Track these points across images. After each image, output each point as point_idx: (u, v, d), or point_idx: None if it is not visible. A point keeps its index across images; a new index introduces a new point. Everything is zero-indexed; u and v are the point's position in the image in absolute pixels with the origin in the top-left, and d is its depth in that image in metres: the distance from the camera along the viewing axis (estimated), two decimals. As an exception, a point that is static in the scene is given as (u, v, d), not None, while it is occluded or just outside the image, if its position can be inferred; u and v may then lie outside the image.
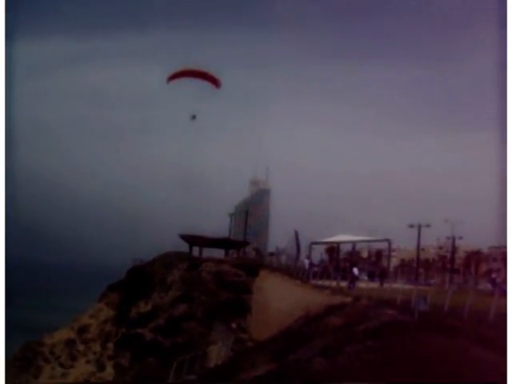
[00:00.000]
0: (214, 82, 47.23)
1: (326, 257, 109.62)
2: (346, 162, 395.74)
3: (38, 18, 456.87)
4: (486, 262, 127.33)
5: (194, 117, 44.37)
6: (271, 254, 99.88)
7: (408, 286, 46.12)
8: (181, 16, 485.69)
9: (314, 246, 75.23)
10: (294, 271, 60.30)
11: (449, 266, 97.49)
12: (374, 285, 49.51)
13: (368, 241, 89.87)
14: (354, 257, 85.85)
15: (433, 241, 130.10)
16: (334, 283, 49.69)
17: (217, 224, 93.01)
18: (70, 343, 61.04)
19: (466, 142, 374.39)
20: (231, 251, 79.22)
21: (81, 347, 60.85)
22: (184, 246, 73.65)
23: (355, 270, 54.10)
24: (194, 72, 46.37)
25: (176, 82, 47.92)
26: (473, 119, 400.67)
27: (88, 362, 59.23)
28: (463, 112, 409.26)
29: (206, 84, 48.26)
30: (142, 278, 65.25)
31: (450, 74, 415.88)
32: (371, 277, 59.58)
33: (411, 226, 76.54)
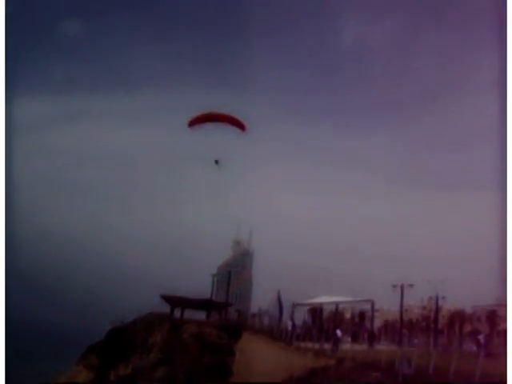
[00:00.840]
0: (240, 125, 43.97)
1: (308, 318, 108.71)
2: (329, 223, 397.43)
3: (24, 78, 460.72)
4: (470, 322, 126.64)
5: (216, 162, 42.18)
6: (254, 316, 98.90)
7: (392, 347, 45.77)
8: (168, 78, 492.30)
9: (296, 307, 74.65)
10: (276, 333, 59.72)
11: (433, 326, 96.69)
12: (358, 347, 48.99)
13: (351, 302, 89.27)
14: (337, 318, 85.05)
15: (416, 301, 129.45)
16: (317, 345, 49.18)
17: (199, 285, 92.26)
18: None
19: (447, 202, 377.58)
20: (213, 313, 78.29)
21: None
22: (165, 307, 72.82)
23: (338, 332, 53.62)
24: (218, 116, 43.26)
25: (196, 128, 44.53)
26: (463, 179, 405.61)
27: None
28: (453, 172, 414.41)
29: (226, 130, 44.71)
30: (123, 339, 64.14)
31: (437, 134, 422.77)
32: (355, 338, 59.07)
33: (394, 286, 76.27)
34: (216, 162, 41.51)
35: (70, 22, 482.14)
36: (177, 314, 71.94)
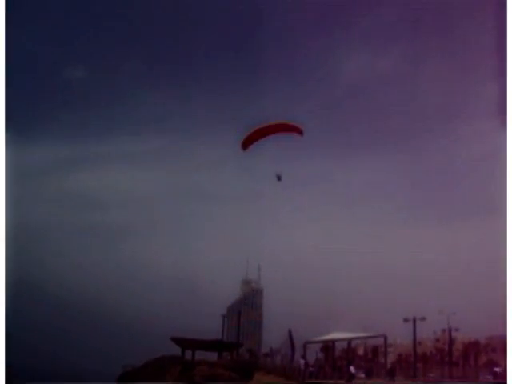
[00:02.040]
0: (296, 129, 37.62)
1: (321, 355, 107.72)
2: (338, 258, 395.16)
3: (32, 124, 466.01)
4: (485, 353, 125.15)
5: (279, 178, 37.34)
6: (266, 355, 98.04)
7: (407, 382, 45.16)
8: (171, 119, 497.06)
9: (308, 345, 74.03)
10: (289, 372, 59.11)
11: (447, 358, 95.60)
12: (371, 382, 48.40)
13: (363, 337, 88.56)
14: (349, 354, 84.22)
15: (429, 334, 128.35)
16: (331, 382, 48.60)
17: (209, 326, 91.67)
18: None
19: (459, 232, 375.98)
20: (225, 353, 77.65)
21: None
22: (176, 349, 72.29)
23: (352, 369, 53.01)
24: (271, 127, 37.64)
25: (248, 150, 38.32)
26: (467, 208, 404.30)
27: None
28: (457, 202, 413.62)
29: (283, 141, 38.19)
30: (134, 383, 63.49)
31: (442, 162, 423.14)
32: (369, 374, 58.44)
33: (406, 320, 75.70)
34: (279, 178, 37.35)
35: (75, 66, 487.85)
36: (188, 355, 71.35)
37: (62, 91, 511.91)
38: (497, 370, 58.04)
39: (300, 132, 36.99)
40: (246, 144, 38.19)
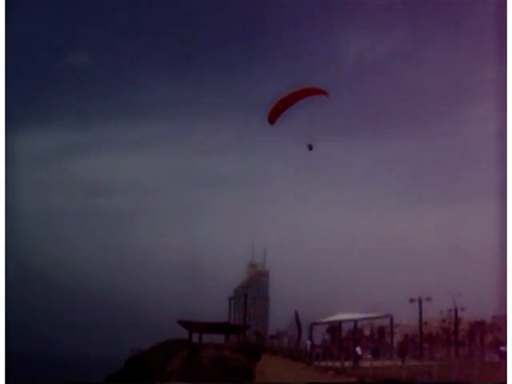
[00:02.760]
0: (322, 92, 33.94)
1: (327, 337, 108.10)
2: (344, 240, 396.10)
3: (34, 109, 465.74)
4: (491, 332, 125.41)
5: (311, 147, 32.76)
6: (272, 337, 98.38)
7: (413, 362, 45.26)
8: (176, 105, 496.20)
9: (315, 327, 74.15)
10: (296, 353, 59.23)
11: (453, 338, 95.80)
12: (379, 363, 48.44)
13: (370, 318, 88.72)
14: (356, 335, 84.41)
15: (435, 314, 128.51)
16: (337, 364, 48.70)
17: (216, 309, 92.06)
18: None
19: (463, 213, 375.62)
20: (231, 336, 77.88)
21: None
22: (183, 333, 72.52)
23: (358, 350, 53.03)
24: (295, 95, 34.35)
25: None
26: (470, 190, 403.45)
27: None
28: (461, 184, 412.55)
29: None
30: (141, 367, 63.70)
31: (444, 146, 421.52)
32: (375, 355, 58.50)
33: (412, 301, 75.79)
34: (310, 147, 32.93)
35: (77, 53, 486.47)
36: (195, 338, 71.55)
37: (63, 78, 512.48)
38: (503, 349, 57.95)
39: (326, 94, 33.90)
40: (273, 116, 35.28)
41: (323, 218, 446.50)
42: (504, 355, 50.22)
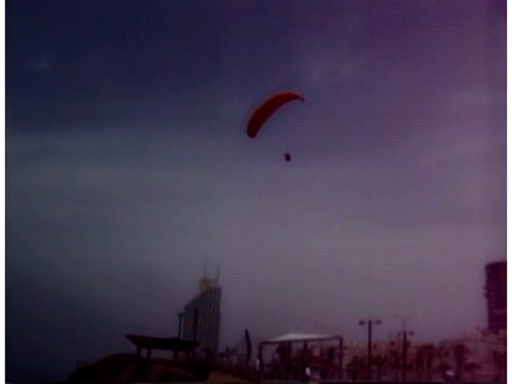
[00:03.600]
0: (297, 97, 31.86)
1: (277, 356, 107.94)
2: (296, 260, 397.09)
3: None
4: (439, 357, 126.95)
5: (288, 157, 32.44)
6: (222, 355, 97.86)
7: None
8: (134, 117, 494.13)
9: (265, 346, 74.02)
10: (245, 372, 59.00)
11: (401, 361, 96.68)
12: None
13: (319, 339, 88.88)
14: (305, 356, 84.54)
15: (385, 337, 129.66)
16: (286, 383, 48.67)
17: (166, 324, 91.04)
18: None
19: (414, 237, 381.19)
20: (181, 352, 77.19)
21: None
22: (133, 348, 71.58)
23: (308, 370, 53.12)
24: (272, 101, 32.03)
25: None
26: (427, 214, 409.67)
27: None
28: (413, 208, 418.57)
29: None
30: (87, 381, 62.61)
31: (408, 168, 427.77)
32: (324, 376, 58.68)
33: (362, 323, 76.30)
34: (287, 157, 29.17)
35: (39, 58, 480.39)
36: (144, 353, 70.70)
37: (24, 83, 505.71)
38: (449, 373, 58.91)
39: (302, 98, 31.69)
40: (252, 129, 32.88)
41: (275, 237, 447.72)
42: (450, 379, 51.08)
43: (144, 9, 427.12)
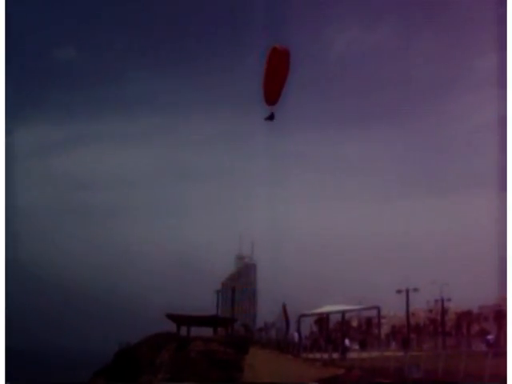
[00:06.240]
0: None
1: (315, 329, 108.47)
2: (330, 232, 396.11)
3: (24, 106, 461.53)
4: (478, 322, 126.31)
5: (272, 116, 25.74)
6: (260, 330, 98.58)
7: (401, 353, 45.46)
8: (158, 98, 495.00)
9: (303, 319, 74.31)
10: (284, 346, 59.37)
11: (440, 328, 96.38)
12: (366, 354, 48.66)
13: (357, 310, 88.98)
14: (344, 327, 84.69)
15: (422, 304, 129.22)
16: (325, 355, 48.87)
17: (204, 302, 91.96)
18: None
19: (449, 204, 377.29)
20: (220, 329, 77.99)
21: None
22: (172, 326, 72.57)
23: (346, 341, 53.28)
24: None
25: None
26: (460, 181, 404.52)
27: None
28: (450, 175, 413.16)
29: None
30: (130, 361, 63.75)
31: (434, 136, 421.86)
32: (363, 346, 58.75)
33: (399, 292, 76.12)
34: (271, 116, 25.61)
35: (64, 48, 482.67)
36: (183, 332, 71.63)
37: (50, 73, 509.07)
38: (489, 337, 58.52)
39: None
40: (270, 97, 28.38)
41: (311, 211, 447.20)
42: (490, 344, 50.70)
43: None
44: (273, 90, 29.45)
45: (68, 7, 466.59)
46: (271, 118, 27.70)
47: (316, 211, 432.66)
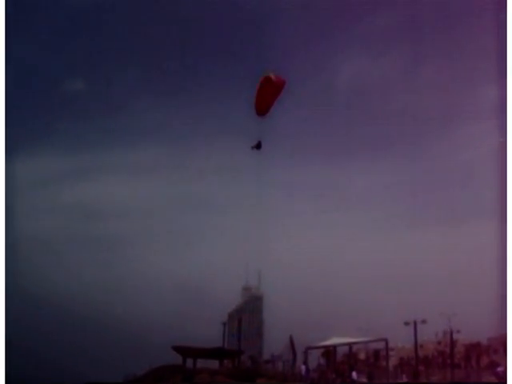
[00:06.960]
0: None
1: (322, 361, 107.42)
2: (337, 264, 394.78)
3: (31, 136, 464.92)
4: (487, 354, 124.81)
5: (258, 146, 28.43)
6: (267, 362, 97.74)
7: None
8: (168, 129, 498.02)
9: (310, 351, 73.78)
10: (291, 378, 58.91)
11: (449, 361, 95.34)
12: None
13: (364, 342, 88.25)
14: (351, 359, 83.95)
15: (431, 336, 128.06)
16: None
17: (210, 334, 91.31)
18: None
19: (456, 235, 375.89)
20: (226, 361, 77.35)
21: None
22: (178, 358, 72.02)
23: (354, 374, 52.80)
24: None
25: None
26: (466, 211, 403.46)
27: None
28: (457, 205, 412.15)
29: None
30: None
31: (437, 168, 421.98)
32: (371, 378, 58.27)
33: (407, 324, 75.56)
34: (258, 146, 25.35)
35: (73, 79, 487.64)
36: (189, 364, 71.07)
37: (61, 103, 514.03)
38: (499, 370, 57.90)
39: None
40: (262, 109, 29.17)
41: (319, 243, 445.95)
42: (500, 377, 50.10)
43: (180, 23, 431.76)
44: (263, 104, 29.37)
45: (77, 39, 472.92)
46: (258, 146, 27.31)
47: (324, 243, 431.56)
